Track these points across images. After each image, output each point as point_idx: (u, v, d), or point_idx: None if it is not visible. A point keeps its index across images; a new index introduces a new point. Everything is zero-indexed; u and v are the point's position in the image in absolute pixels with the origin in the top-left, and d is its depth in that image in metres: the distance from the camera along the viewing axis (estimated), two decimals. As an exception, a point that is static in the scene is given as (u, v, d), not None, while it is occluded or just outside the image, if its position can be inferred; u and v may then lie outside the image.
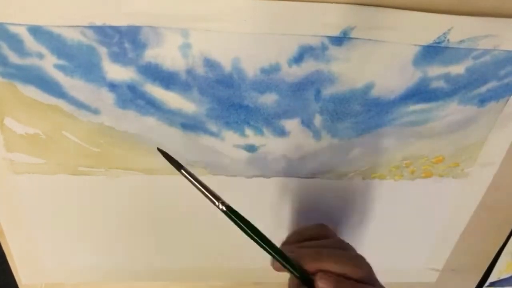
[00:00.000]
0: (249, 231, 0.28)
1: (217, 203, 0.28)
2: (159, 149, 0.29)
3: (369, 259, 0.45)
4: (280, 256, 0.29)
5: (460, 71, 0.32)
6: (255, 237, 0.28)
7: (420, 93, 0.33)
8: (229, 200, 0.39)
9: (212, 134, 0.34)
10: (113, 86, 0.31)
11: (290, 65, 0.30)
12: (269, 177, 0.38)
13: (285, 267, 0.29)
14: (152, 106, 0.32)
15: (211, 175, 0.37)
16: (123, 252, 0.42)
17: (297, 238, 0.34)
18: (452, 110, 0.34)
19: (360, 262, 0.31)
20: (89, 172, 0.36)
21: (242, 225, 0.28)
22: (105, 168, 0.36)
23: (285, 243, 0.34)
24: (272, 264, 0.30)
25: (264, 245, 0.28)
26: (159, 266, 0.43)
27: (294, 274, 0.29)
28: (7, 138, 0.33)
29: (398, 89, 0.32)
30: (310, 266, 0.29)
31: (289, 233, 0.36)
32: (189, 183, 0.29)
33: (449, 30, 0.29)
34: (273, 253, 0.29)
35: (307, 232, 0.34)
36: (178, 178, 0.37)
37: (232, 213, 0.28)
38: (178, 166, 0.28)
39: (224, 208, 0.28)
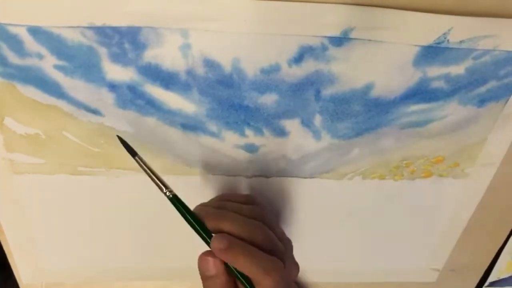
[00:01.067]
0: (190, 219, 0.30)
1: (164, 190, 0.30)
2: (118, 136, 0.31)
3: (369, 258, 0.45)
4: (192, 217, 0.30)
5: (460, 71, 0.32)
6: (194, 224, 0.30)
7: (420, 93, 0.33)
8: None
9: (212, 134, 0.34)
10: (113, 87, 0.31)
11: (290, 65, 0.30)
12: (269, 177, 0.38)
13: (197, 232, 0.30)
14: (152, 106, 0.32)
15: (211, 175, 0.37)
16: (123, 252, 0.42)
17: (222, 197, 0.35)
18: (452, 110, 0.34)
19: (259, 229, 0.30)
20: (89, 172, 0.36)
21: (185, 213, 0.30)
22: (105, 168, 0.36)
23: (205, 204, 0.34)
24: None
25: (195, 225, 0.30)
26: (159, 265, 0.44)
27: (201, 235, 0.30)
28: (7, 138, 0.33)
29: (398, 89, 0.32)
30: (211, 224, 0.30)
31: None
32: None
33: (449, 30, 0.29)
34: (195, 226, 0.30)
35: (233, 196, 0.35)
36: (178, 178, 0.37)
37: (177, 201, 0.30)
38: (133, 153, 0.31)
39: (170, 196, 0.30)
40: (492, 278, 0.48)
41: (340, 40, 0.29)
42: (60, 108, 0.32)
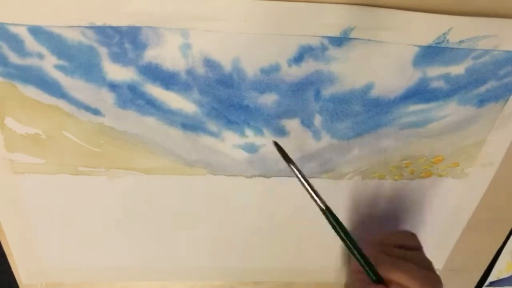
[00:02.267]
0: (341, 233, 0.32)
1: (318, 201, 0.31)
2: (274, 142, 0.32)
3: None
4: (363, 258, 0.32)
5: (459, 71, 0.32)
6: (345, 239, 0.32)
7: (420, 93, 0.33)
8: (229, 200, 0.39)
9: (212, 134, 0.34)
10: (113, 86, 0.31)
11: (290, 65, 0.30)
12: (269, 177, 0.38)
13: (363, 268, 0.32)
14: (152, 106, 0.32)
15: (211, 175, 0.37)
16: (123, 252, 0.42)
17: (383, 240, 0.36)
18: (452, 111, 0.34)
19: (432, 283, 0.32)
20: (90, 172, 0.36)
21: (337, 227, 0.32)
22: (105, 168, 0.36)
23: (370, 242, 0.36)
24: (348, 265, 0.33)
25: (352, 248, 0.32)
26: (158, 265, 0.44)
27: (370, 276, 0.32)
28: (8, 138, 0.33)
29: (398, 90, 0.32)
30: (383, 272, 0.32)
31: (376, 234, 0.37)
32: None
33: (448, 30, 0.29)
34: (358, 256, 0.32)
35: (394, 238, 0.36)
36: (178, 178, 0.37)
37: (330, 214, 0.32)
38: (288, 160, 0.31)
39: (324, 208, 0.31)
40: (492, 278, 0.48)
41: (340, 40, 0.29)
42: (60, 108, 0.32)
